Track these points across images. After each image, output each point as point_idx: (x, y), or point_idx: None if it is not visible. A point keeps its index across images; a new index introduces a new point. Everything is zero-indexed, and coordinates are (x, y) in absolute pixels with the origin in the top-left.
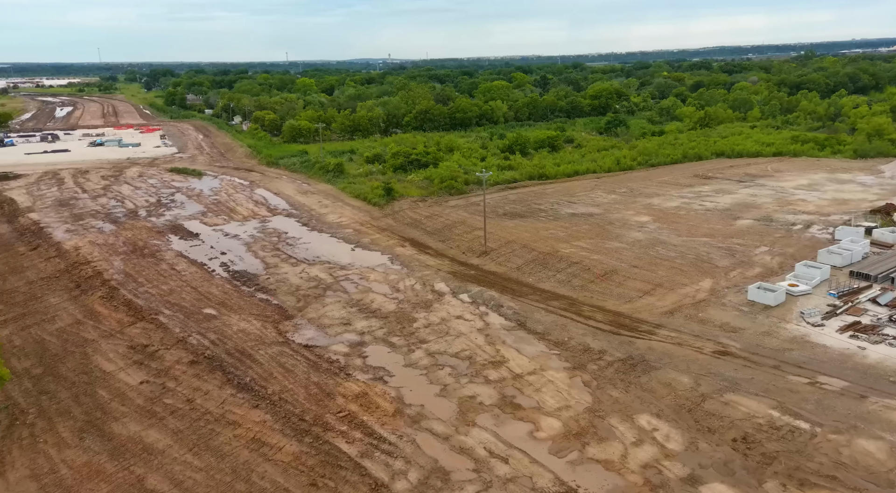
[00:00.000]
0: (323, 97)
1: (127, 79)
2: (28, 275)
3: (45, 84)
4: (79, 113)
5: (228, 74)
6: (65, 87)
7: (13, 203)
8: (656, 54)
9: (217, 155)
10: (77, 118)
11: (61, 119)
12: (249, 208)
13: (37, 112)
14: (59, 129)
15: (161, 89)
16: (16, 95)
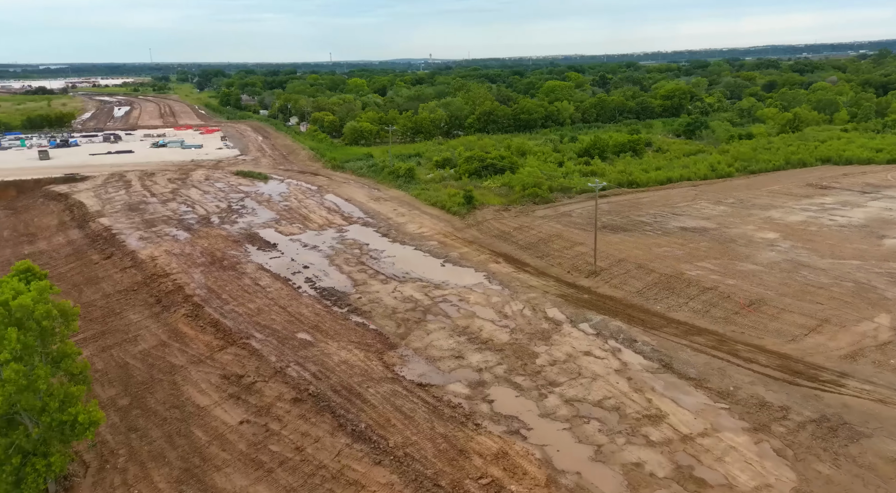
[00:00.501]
0: (377, 98)
1: (178, 79)
2: (104, 287)
3: (100, 84)
4: (137, 113)
5: (278, 75)
6: (120, 86)
7: (82, 207)
8: (705, 53)
9: (280, 158)
10: (136, 118)
11: (120, 119)
12: (323, 216)
13: (96, 112)
14: (119, 129)
15: (213, 90)
16: (74, 95)
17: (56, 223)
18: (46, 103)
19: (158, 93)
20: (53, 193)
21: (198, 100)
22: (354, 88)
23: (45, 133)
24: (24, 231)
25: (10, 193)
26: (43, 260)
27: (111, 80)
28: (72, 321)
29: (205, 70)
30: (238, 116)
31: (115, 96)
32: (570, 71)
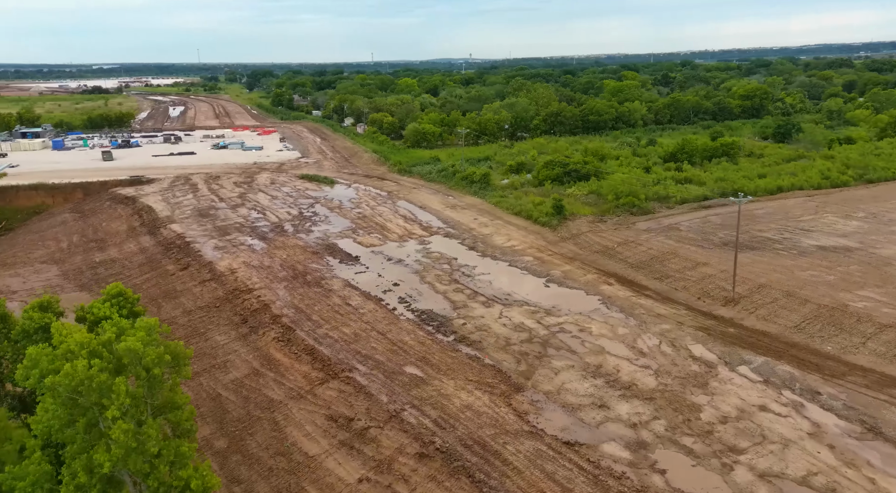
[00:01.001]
0: (430, 98)
1: (227, 79)
2: (184, 302)
3: (152, 83)
4: (192, 113)
5: (325, 75)
6: (171, 86)
7: (151, 212)
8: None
9: (342, 160)
10: (191, 118)
11: (176, 119)
12: (401, 225)
13: (152, 111)
14: (176, 129)
15: (263, 90)
16: (129, 95)
17: (125, 229)
18: (104, 103)
19: (209, 93)
20: (120, 196)
21: (249, 100)
22: (405, 89)
23: (106, 133)
24: (93, 236)
25: (77, 195)
26: (115, 269)
27: (162, 79)
28: (184, 366)
29: (254, 70)
30: (292, 117)
31: (167, 96)
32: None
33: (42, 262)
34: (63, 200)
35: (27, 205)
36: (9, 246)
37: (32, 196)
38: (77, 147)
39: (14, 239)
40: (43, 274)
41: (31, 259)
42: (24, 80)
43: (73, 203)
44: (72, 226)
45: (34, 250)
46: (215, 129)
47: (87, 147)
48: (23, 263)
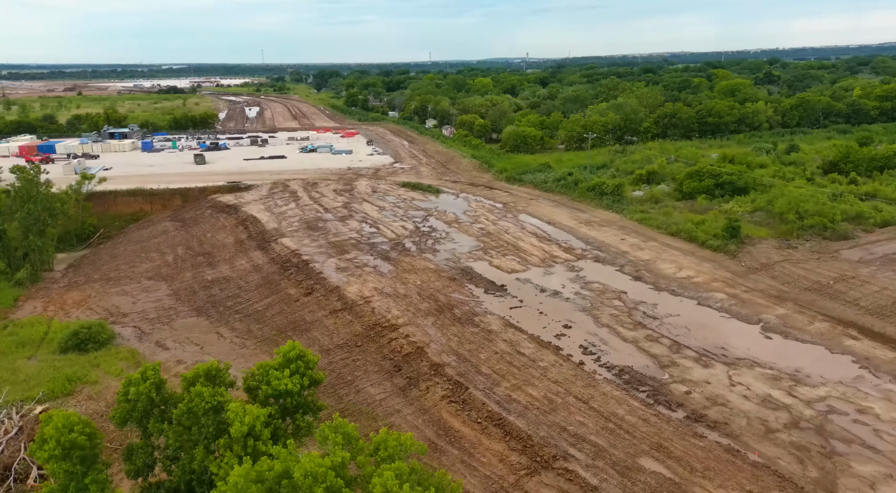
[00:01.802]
0: (508, 98)
1: (293, 79)
2: (318, 338)
3: (222, 83)
4: (269, 113)
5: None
6: (241, 86)
7: (257, 223)
8: (832, 50)
9: (439, 166)
10: (269, 119)
11: (254, 120)
12: (536, 245)
13: (229, 112)
14: (258, 130)
15: (332, 90)
16: (202, 94)
17: (232, 242)
18: (182, 102)
19: (279, 93)
20: (221, 204)
21: (320, 100)
22: (481, 89)
23: (192, 134)
24: (199, 249)
25: (176, 201)
26: (231, 290)
27: (230, 79)
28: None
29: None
30: (370, 119)
31: (239, 96)
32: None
33: (148, 277)
34: (161, 207)
35: (125, 212)
36: (110, 257)
37: (130, 202)
38: (166, 149)
39: (115, 249)
40: (153, 293)
41: (137, 274)
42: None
43: (171, 210)
44: (174, 236)
45: (138, 262)
46: (296, 130)
47: (177, 149)
48: (128, 278)
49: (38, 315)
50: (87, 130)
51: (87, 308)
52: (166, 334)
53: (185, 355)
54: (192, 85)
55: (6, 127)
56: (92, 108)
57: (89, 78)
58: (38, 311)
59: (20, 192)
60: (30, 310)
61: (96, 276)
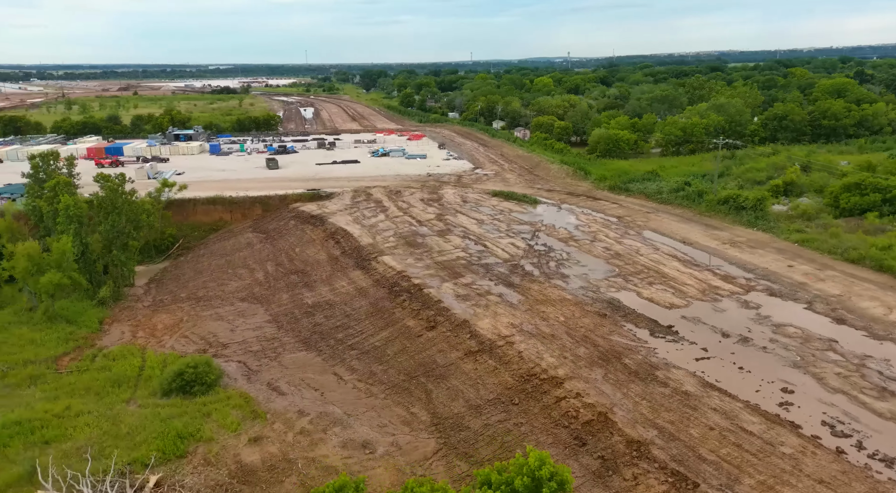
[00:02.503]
0: (573, 98)
1: (339, 79)
2: (461, 389)
3: (271, 83)
4: (325, 114)
5: (439, 74)
6: (290, 86)
7: (349, 237)
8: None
9: (525, 173)
10: (327, 120)
11: (311, 121)
12: (683, 271)
13: (285, 113)
14: (320, 132)
15: (381, 90)
16: (254, 95)
17: (326, 258)
18: (238, 103)
19: (329, 93)
20: (305, 214)
21: (372, 101)
22: (543, 89)
23: (256, 136)
24: (290, 266)
25: (256, 211)
26: (338, 318)
27: (277, 80)
28: None
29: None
30: (431, 120)
31: (290, 96)
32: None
33: (241, 298)
34: (241, 217)
35: (204, 221)
36: (194, 273)
37: (210, 211)
38: (234, 152)
39: (198, 263)
40: (250, 318)
41: (228, 294)
42: (151, 79)
43: (252, 220)
44: (260, 250)
45: (226, 280)
46: (358, 132)
47: (245, 152)
48: (219, 298)
49: (128, 344)
50: (150, 131)
51: (181, 336)
52: (276, 373)
53: (305, 402)
54: (242, 85)
55: (72, 128)
56: (149, 108)
57: (140, 78)
58: (127, 337)
59: (104, 202)
60: (117, 335)
61: (183, 294)
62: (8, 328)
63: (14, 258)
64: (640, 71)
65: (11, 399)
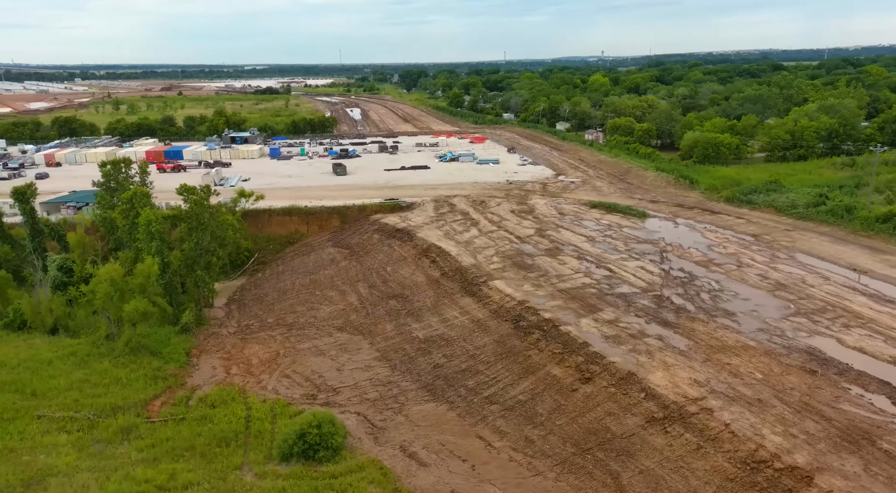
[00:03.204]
0: (633, 99)
1: (376, 79)
2: (658, 472)
3: (310, 84)
4: (375, 116)
5: (480, 74)
6: (329, 87)
7: (446, 256)
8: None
9: (616, 180)
10: (378, 122)
11: (361, 122)
12: (877, 308)
13: (332, 114)
14: (376, 135)
15: (422, 91)
16: (295, 95)
17: (424, 280)
18: (284, 104)
19: (370, 93)
20: (388, 227)
21: (417, 101)
22: (598, 88)
23: (313, 139)
24: (384, 288)
25: (333, 222)
26: (461, 358)
27: (315, 80)
28: None
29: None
30: (487, 121)
31: (331, 96)
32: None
33: (338, 327)
34: (318, 229)
35: (279, 233)
36: (278, 293)
37: (285, 222)
38: (294, 156)
39: (279, 281)
40: (355, 354)
41: (321, 321)
42: (190, 79)
43: (330, 232)
44: (347, 268)
45: (315, 302)
46: (415, 134)
47: (305, 156)
48: (312, 326)
49: (223, 384)
50: (205, 133)
51: (281, 375)
52: (407, 433)
53: (456, 479)
54: (282, 85)
55: (127, 130)
56: (196, 108)
57: (179, 78)
58: (220, 374)
59: (189, 217)
60: (209, 372)
61: (270, 319)
62: (88, 362)
63: (93, 281)
64: (692, 69)
65: (105, 460)
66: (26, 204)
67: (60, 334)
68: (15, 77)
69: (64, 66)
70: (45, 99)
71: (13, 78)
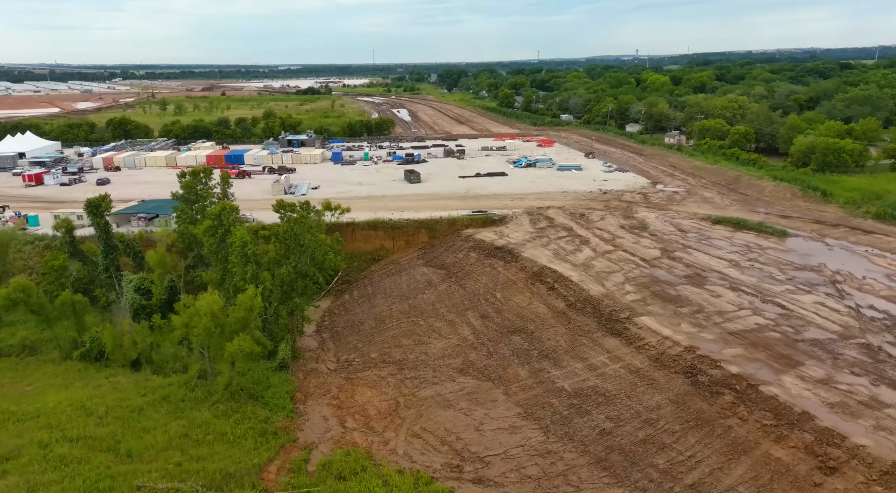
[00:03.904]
0: (702, 99)
1: (413, 79)
2: None
3: (347, 84)
4: (425, 117)
5: (522, 73)
6: (368, 87)
7: (566, 282)
8: None
9: (726, 191)
10: (431, 123)
11: (411, 124)
12: None
13: (378, 115)
14: (437, 138)
15: (465, 91)
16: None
17: (547, 312)
18: (329, 104)
19: (411, 93)
20: (486, 244)
21: (463, 101)
22: (660, 88)
23: (371, 142)
24: (501, 322)
25: (421, 237)
26: (633, 425)
27: (351, 80)
28: None
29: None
30: (547, 123)
31: (372, 96)
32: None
33: (458, 369)
34: (404, 244)
35: (363, 249)
36: (375, 321)
37: (370, 237)
38: (358, 161)
39: (373, 305)
40: (491, 408)
41: (435, 360)
42: (228, 79)
43: (418, 249)
44: (448, 293)
45: (422, 335)
46: (475, 137)
47: (370, 161)
48: (426, 365)
49: (343, 444)
50: (260, 135)
51: (409, 434)
52: None
53: None
54: (321, 85)
55: (182, 132)
56: (241, 109)
57: (217, 78)
58: (334, 427)
59: (288, 238)
60: (320, 424)
61: (373, 354)
62: (184, 410)
63: (188, 313)
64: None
65: None
66: (100, 218)
67: (144, 368)
68: (59, 77)
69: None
70: (90, 99)
71: (58, 78)
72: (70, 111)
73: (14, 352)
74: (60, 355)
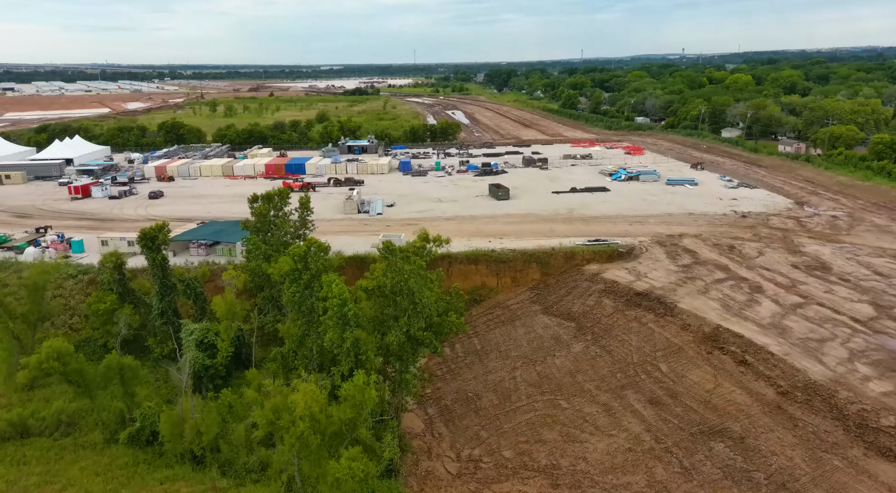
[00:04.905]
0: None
1: (458, 78)
2: None
3: (393, 84)
4: (483, 119)
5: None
6: (414, 87)
7: (764, 356)
8: None
9: None
10: (494, 126)
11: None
12: None
13: (433, 117)
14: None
15: (517, 91)
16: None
17: (752, 404)
18: (381, 105)
19: (460, 94)
20: (620, 287)
21: (518, 102)
22: (744, 87)
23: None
24: (682, 413)
25: (531, 274)
26: None
27: (395, 80)
28: None
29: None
30: (623, 126)
31: (420, 97)
32: None
33: (642, 486)
34: (511, 282)
35: (462, 287)
36: (497, 395)
37: (469, 273)
38: (429, 171)
39: (486, 368)
40: None
41: (599, 469)
42: (273, 79)
43: (528, 288)
44: (586, 357)
45: (570, 425)
46: (549, 143)
47: (443, 171)
48: (589, 479)
49: None
50: (318, 140)
51: None
52: None
53: None
54: (367, 85)
55: (237, 137)
56: (290, 110)
57: (262, 78)
58: None
59: (401, 293)
60: None
61: (506, 452)
62: None
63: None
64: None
65: None
66: (156, 252)
67: (209, 461)
68: (110, 77)
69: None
70: (140, 99)
71: (108, 78)
72: (120, 112)
73: (47, 430)
74: (103, 436)
